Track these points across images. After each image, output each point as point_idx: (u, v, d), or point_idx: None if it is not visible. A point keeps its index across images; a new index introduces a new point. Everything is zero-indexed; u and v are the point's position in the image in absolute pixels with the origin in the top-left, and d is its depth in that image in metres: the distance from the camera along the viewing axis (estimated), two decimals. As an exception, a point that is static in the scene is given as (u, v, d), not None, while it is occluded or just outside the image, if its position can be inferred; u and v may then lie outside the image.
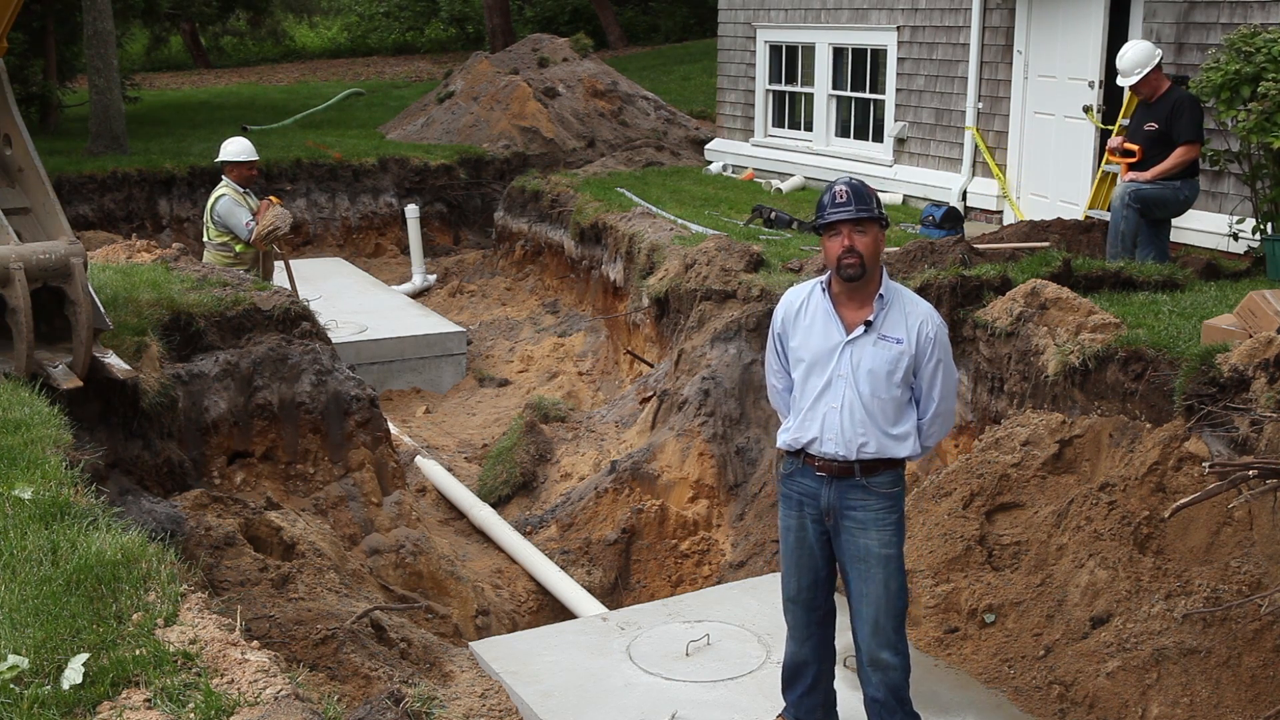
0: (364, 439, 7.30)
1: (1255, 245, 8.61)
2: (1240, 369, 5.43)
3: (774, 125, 15.38)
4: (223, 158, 9.22)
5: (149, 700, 2.93)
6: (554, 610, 7.23)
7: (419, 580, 6.96)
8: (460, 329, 11.91)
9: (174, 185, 15.17)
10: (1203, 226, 9.55)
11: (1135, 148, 8.51)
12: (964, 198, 12.21)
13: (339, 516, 6.99)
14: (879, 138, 13.60)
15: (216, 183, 9.35)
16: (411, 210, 14.70)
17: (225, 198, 9.00)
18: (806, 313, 4.61)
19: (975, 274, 7.52)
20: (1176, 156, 8.27)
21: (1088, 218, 9.79)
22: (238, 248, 8.98)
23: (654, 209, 12.18)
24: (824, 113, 14.38)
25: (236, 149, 9.17)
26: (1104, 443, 6.02)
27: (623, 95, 19.47)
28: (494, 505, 8.49)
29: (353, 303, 12.20)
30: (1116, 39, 9.96)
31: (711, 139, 16.78)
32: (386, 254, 16.03)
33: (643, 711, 5.24)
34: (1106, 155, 9.51)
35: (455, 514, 8.47)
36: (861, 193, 4.44)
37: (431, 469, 8.85)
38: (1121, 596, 5.31)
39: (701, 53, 25.42)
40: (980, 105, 12.06)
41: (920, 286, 7.11)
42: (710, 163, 16.07)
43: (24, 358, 5.11)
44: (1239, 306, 6.05)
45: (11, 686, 2.91)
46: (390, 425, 8.21)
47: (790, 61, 14.99)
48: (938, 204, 11.69)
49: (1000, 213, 11.82)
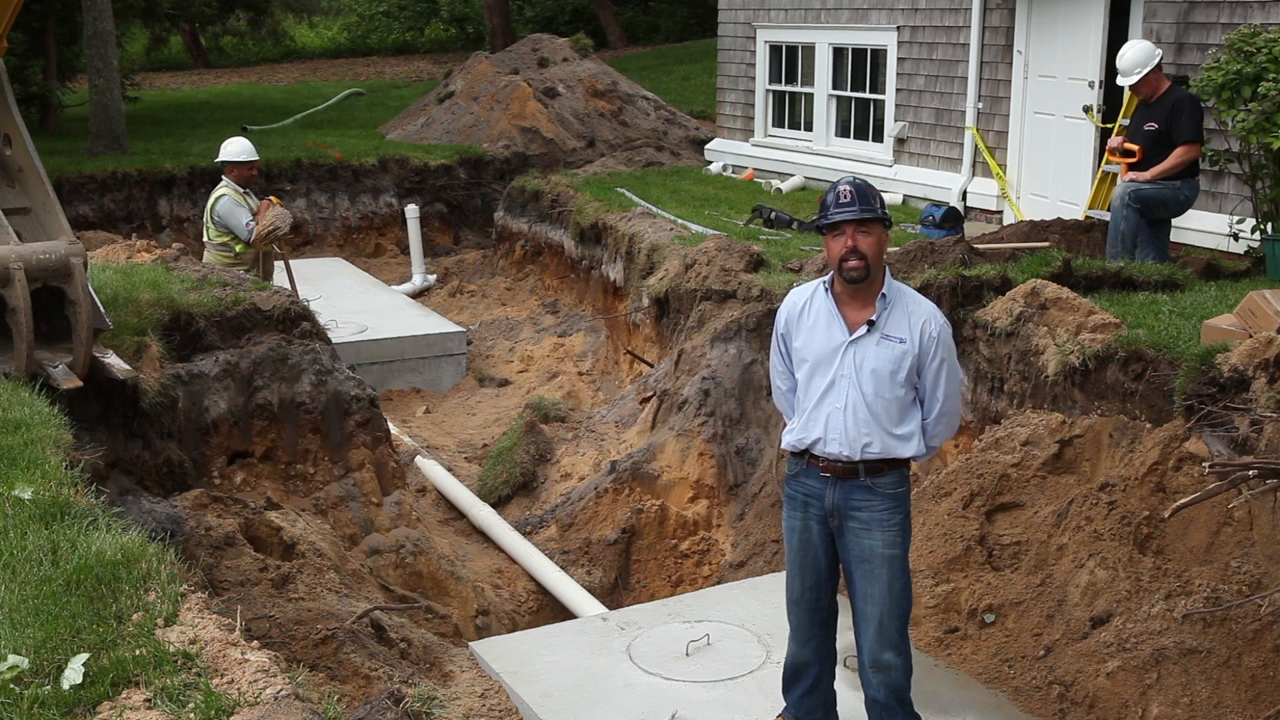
0: (364, 439, 7.30)
1: (1255, 245, 8.61)
2: (1240, 369, 5.43)
3: (774, 125, 15.38)
4: (223, 158, 9.22)
5: (149, 700, 2.93)
6: (554, 610, 7.23)
7: (419, 580, 6.96)
8: (460, 329, 11.90)
9: (174, 185, 15.16)
10: (1203, 226, 9.55)
11: (1135, 148, 8.51)
12: (964, 198, 12.21)
13: (339, 516, 6.99)
14: (879, 138, 13.60)
15: (216, 183, 9.34)
16: (411, 210, 14.70)
17: (225, 198, 9.00)
18: (810, 313, 4.60)
19: (975, 274, 7.53)
20: (1176, 156, 8.27)
21: (1088, 218, 9.79)
22: (238, 248, 8.98)
23: (654, 209, 12.18)
24: (824, 113, 14.38)
25: (236, 149, 9.17)
26: (1104, 443, 6.02)
27: (623, 95, 19.47)
28: (494, 505, 8.49)
29: (353, 303, 12.19)
30: (1116, 39, 9.96)
31: (711, 139, 16.77)
32: (386, 254, 16.02)
33: (643, 711, 5.24)
34: (1106, 155, 9.51)
35: (455, 514, 8.47)
36: (865, 192, 4.43)
37: (431, 469, 8.85)
38: (1121, 596, 5.31)
39: (701, 53, 25.42)
40: (980, 105, 12.06)
41: (920, 286, 7.10)
42: (710, 163, 16.07)
43: (24, 358, 5.11)
44: (1239, 306, 6.05)
45: (11, 686, 2.91)
46: (390, 425, 8.21)
47: (790, 61, 14.99)
48: (938, 204, 11.70)
49: (1000, 213, 11.82)
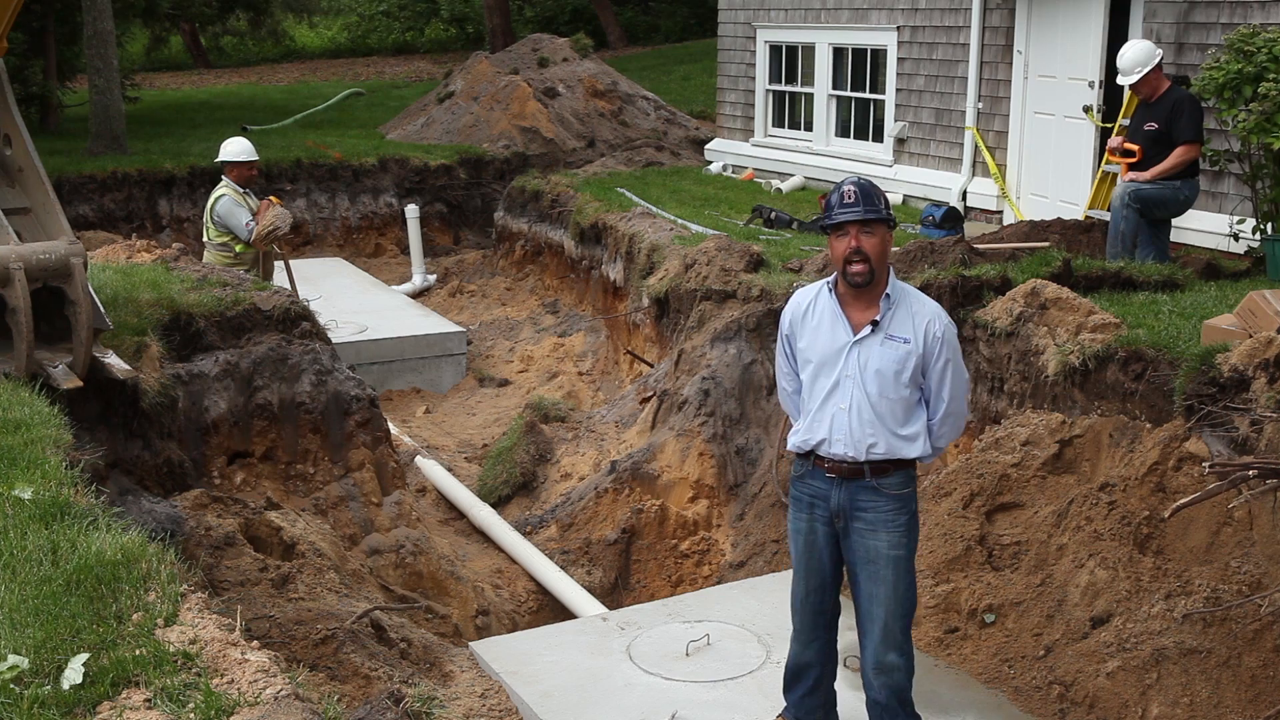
0: (364, 439, 7.30)
1: (1255, 245, 8.61)
2: (1240, 369, 5.43)
3: (774, 125, 15.38)
4: (223, 158, 9.22)
5: (149, 700, 2.93)
6: (554, 610, 7.23)
7: (419, 580, 6.96)
8: (460, 329, 11.90)
9: (174, 185, 15.16)
10: (1203, 226, 9.55)
11: (1135, 148, 8.51)
12: (964, 198, 12.21)
13: (339, 516, 6.99)
14: (879, 138, 13.60)
15: (216, 183, 9.34)
16: (411, 210, 14.70)
17: (225, 198, 9.00)
18: (814, 313, 4.59)
19: (975, 274, 7.52)
20: (1176, 156, 8.27)
21: (1088, 218, 9.79)
22: (238, 248, 8.98)
23: (654, 209, 12.18)
24: (824, 113, 14.38)
25: (236, 149, 9.17)
26: (1104, 443, 6.02)
27: (623, 95, 19.47)
28: (494, 505, 8.49)
29: (353, 303, 12.19)
30: (1116, 39, 9.96)
31: (711, 139, 16.77)
32: (386, 254, 16.02)
33: (643, 711, 5.24)
34: (1106, 155, 9.51)
35: (455, 514, 8.47)
36: (870, 193, 4.42)
37: (431, 469, 8.85)
38: (1121, 596, 5.31)
39: (701, 53, 25.42)
40: (980, 105, 12.06)
41: (920, 287, 7.09)
42: (710, 163, 16.07)
43: (24, 358, 5.11)
44: (1239, 306, 6.05)
45: (11, 686, 2.91)
46: (390, 425, 8.21)
47: (790, 61, 14.99)
48: (938, 204, 11.70)
49: (1000, 213, 11.82)
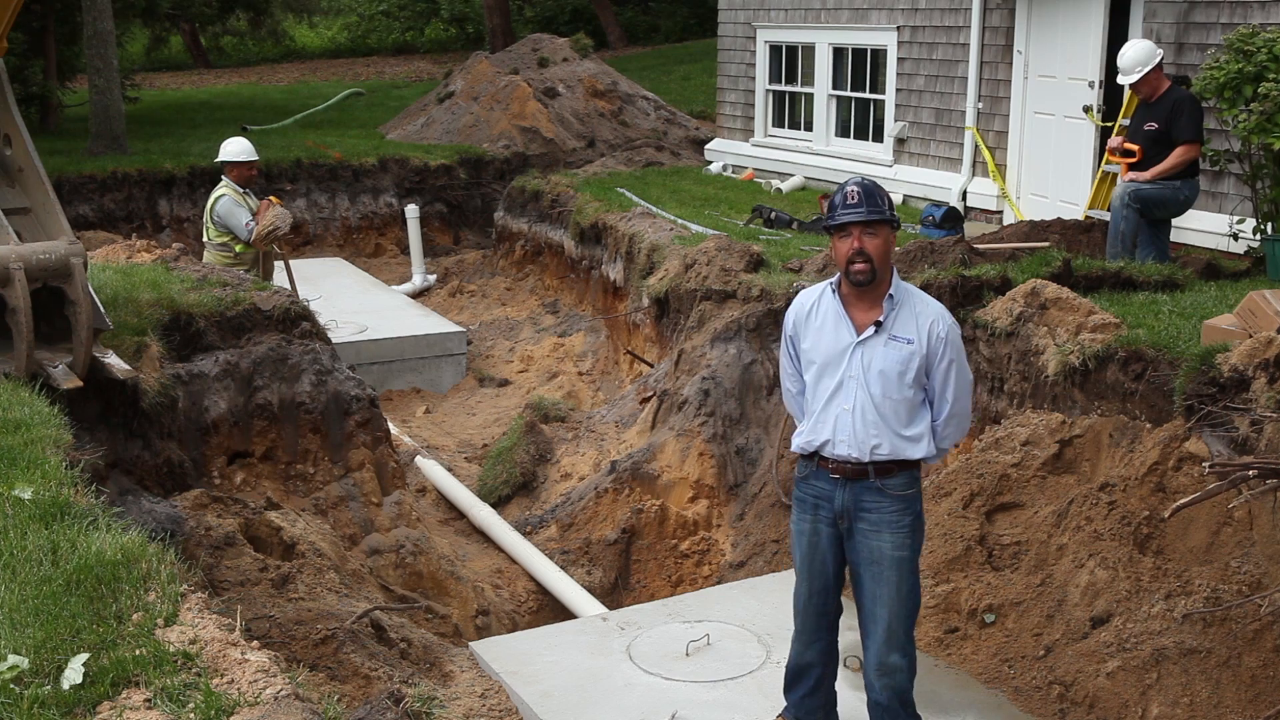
0: (364, 439, 7.30)
1: (1255, 245, 8.60)
2: (1240, 369, 5.43)
3: (774, 125, 15.38)
4: (222, 158, 9.22)
5: (149, 700, 2.93)
6: (554, 610, 7.23)
7: (419, 580, 6.96)
8: (460, 329, 11.90)
9: (174, 185, 15.16)
10: (1203, 226, 9.55)
11: (1135, 148, 8.50)
12: (964, 198, 12.21)
13: (339, 516, 6.99)
14: (879, 138, 13.60)
15: (216, 183, 9.34)
16: (411, 210, 14.70)
17: (225, 198, 9.00)
18: (817, 314, 4.58)
19: (975, 274, 7.53)
20: (1176, 156, 8.27)
21: (1088, 218, 9.79)
22: (238, 248, 8.98)
23: (654, 209, 12.18)
24: (824, 113, 14.38)
25: (236, 149, 9.17)
26: (1104, 443, 6.02)
27: (623, 95, 19.46)
28: (494, 505, 8.49)
29: (353, 303, 12.19)
30: (1116, 39, 9.96)
31: (711, 139, 16.77)
32: (386, 254, 16.02)
33: (643, 711, 5.24)
34: (1106, 155, 9.51)
35: (455, 514, 8.47)
36: (873, 194, 4.41)
37: (431, 469, 8.85)
38: (1121, 596, 5.31)
39: (701, 53, 25.42)
40: (980, 105, 12.06)
41: (920, 287, 7.07)
42: (710, 163, 16.07)
43: (24, 358, 5.11)
44: (1239, 306, 6.05)
45: (11, 686, 2.91)
46: (390, 425, 8.21)
47: (790, 61, 14.99)
48: (938, 204, 11.70)
49: (1000, 213, 11.82)
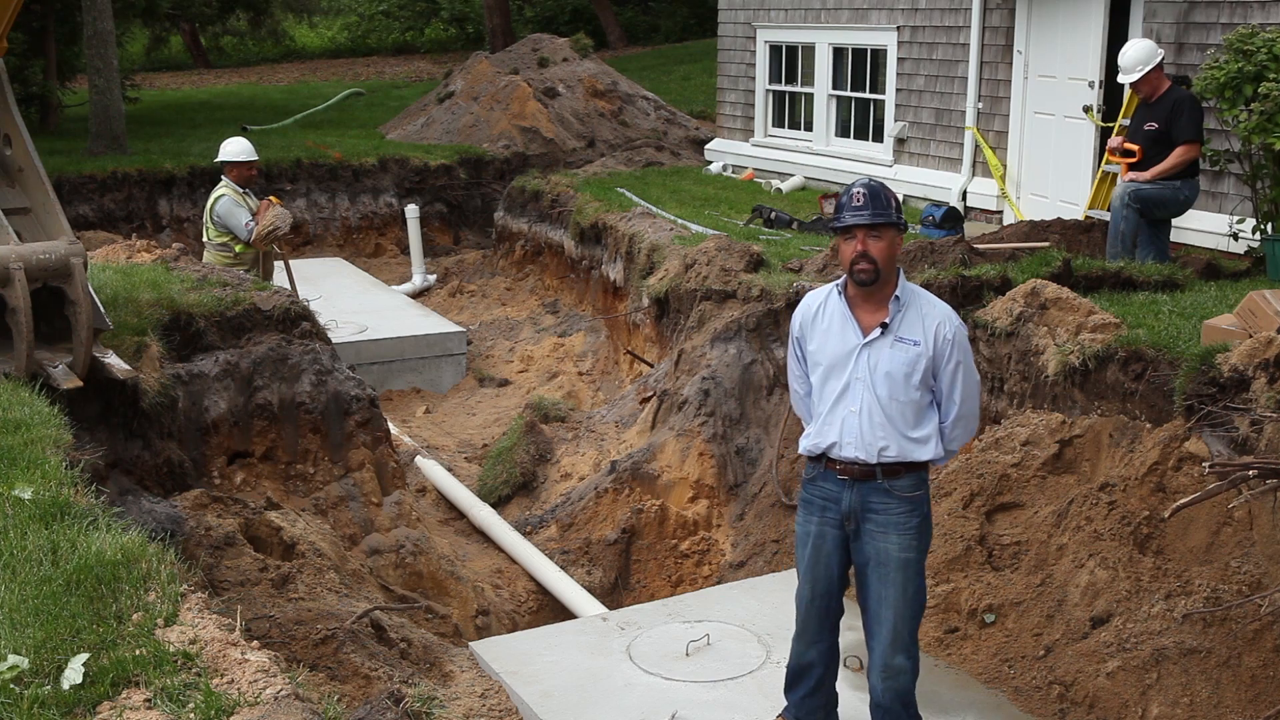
0: (364, 439, 7.30)
1: (1255, 245, 8.60)
2: (1240, 369, 5.43)
3: (774, 125, 15.38)
4: (222, 158, 9.22)
5: (149, 700, 2.93)
6: (554, 610, 7.23)
7: (419, 580, 6.96)
8: (460, 329, 11.90)
9: (174, 185, 15.16)
10: (1203, 226, 9.55)
11: (1135, 148, 8.50)
12: (964, 198, 12.21)
13: (339, 516, 6.99)
14: (879, 138, 13.60)
15: (216, 183, 9.34)
16: (411, 210, 14.70)
17: (225, 198, 9.00)
18: (824, 316, 4.57)
19: (975, 274, 7.52)
20: (1176, 156, 8.27)
21: (1088, 218, 9.79)
22: (238, 248, 8.98)
23: (654, 209, 12.18)
24: (824, 113, 14.38)
25: (236, 149, 9.17)
26: (1104, 443, 6.02)
27: (623, 95, 19.46)
28: (494, 505, 8.49)
29: (353, 303, 12.19)
30: (1116, 39, 9.96)
31: (711, 139, 16.77)
32: (386, 254, 16.02)
33: (643, 711, 5.24)
34: (1106, 155, 9.51)
35: (455, 514, 8.47)
36: (879, 196, 4.39)
37: (431, 469, 8.85)
38: (1121, 596, 5.31)
39: (701, 53, 25.42)
40: (980, 105, 12.06)
41: (920, 286, 7.10)
42: (710, 163, 16.07)
43: (24, 358, 5.11)
44: (1239, 306, 6.04)
45: (11, 686, 2.91)
46: (390, 425, 8.21)
47: (790, 61, 14.99)
48: (938, 204, 11.70)
49: (1000, 213, 11.82)
